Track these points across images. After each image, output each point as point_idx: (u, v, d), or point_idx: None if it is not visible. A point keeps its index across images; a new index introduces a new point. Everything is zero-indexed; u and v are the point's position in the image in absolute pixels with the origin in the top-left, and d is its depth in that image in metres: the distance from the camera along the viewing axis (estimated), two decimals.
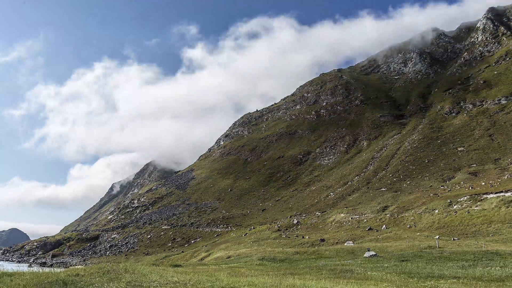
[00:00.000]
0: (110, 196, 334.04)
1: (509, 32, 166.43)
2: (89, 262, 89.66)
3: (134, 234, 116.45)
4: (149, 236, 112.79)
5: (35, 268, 24.65)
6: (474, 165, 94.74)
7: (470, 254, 33.54)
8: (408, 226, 63.78)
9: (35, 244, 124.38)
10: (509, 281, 21.82)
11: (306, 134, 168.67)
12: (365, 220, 72.45)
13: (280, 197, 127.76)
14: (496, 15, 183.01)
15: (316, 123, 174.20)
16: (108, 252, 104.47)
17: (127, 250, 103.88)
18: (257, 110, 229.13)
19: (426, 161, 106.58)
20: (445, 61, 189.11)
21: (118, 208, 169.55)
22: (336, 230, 71.12)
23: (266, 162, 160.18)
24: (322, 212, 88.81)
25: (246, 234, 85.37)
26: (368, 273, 26.45)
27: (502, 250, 34.48)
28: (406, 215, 69.32)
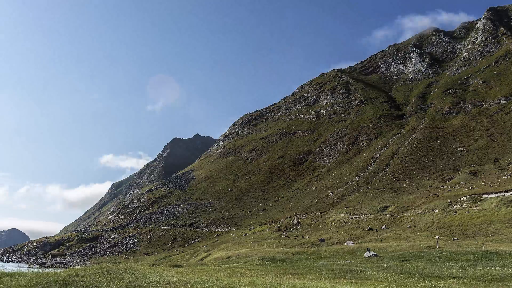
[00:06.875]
0: (110, 196, 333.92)
1: (508, 32, 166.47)
2: (89, 262, 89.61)
3: (134, 234, 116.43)
4: (149, 236, 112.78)
5: (35, 269, 24.67)
6: (474, 165, 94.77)
7: (470, 254, 33.54)
8: (408, 226, 63.76)
9: (35, 244, 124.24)
10: (509, 281, 21.84)
11: (306, 134, 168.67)
12: (365, 220, 72.42)
13: (280, 197, 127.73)
14: (496, 15, 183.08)
15: (316, 123, 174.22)
16: (108, 253, 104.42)
17: (127, 250, 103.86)
18: (257, 110, 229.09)
19: (426, 161, 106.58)
20: (445, 61, 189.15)
21: (118, 208, 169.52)
22: (336, 230, 71.10)
23: (266, 162, 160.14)
24: (322, 212, 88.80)
25: (246, 234, 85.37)
26: (368, 273, 26.46)
27: (502, 250, 34.48)
28: (406, 215, 69.31)
